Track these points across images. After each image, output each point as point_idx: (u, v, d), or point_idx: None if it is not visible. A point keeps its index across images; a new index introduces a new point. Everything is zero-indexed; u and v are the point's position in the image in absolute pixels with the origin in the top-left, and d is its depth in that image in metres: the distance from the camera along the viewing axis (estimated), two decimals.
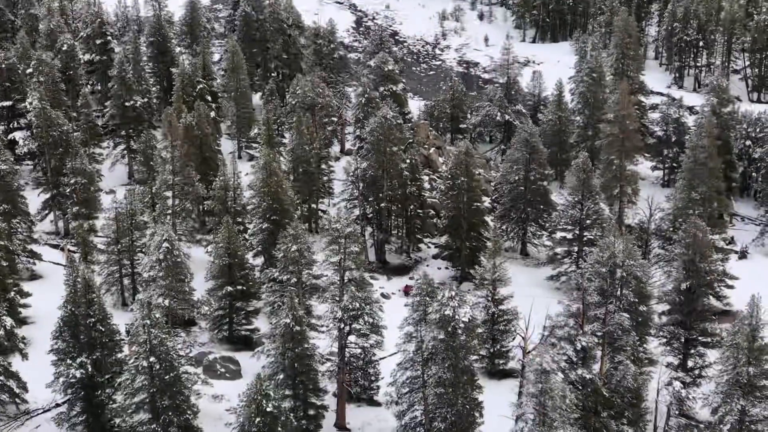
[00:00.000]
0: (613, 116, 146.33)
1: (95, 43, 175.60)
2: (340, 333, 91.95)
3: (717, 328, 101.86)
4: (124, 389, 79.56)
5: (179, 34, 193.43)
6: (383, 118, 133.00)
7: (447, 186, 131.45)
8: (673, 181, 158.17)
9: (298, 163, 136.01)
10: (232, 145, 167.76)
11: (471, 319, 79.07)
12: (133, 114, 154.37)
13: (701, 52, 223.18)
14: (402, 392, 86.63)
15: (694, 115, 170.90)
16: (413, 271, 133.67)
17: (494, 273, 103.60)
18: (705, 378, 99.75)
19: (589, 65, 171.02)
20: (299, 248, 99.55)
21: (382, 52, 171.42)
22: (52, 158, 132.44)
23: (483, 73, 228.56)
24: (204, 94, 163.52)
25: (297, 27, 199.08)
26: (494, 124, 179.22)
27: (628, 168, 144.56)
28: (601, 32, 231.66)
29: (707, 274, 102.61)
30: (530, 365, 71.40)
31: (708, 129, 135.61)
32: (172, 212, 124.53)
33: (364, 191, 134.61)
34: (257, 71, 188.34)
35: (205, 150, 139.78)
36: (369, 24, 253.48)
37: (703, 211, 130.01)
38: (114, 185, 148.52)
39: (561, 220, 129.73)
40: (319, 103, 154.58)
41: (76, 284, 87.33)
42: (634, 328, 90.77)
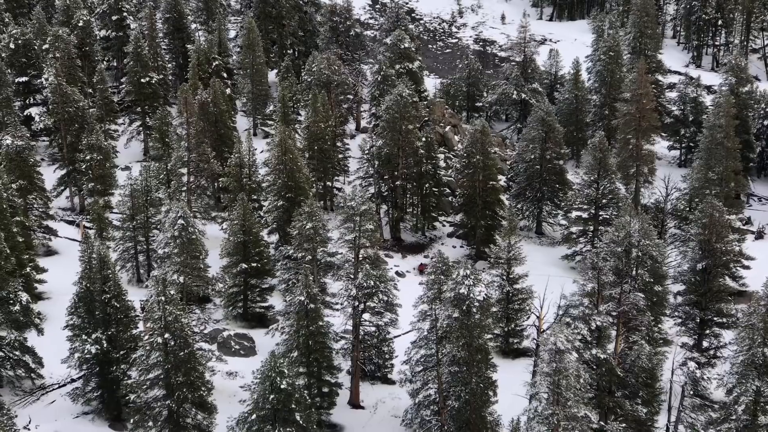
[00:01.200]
0: (630, 95, 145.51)
1: (111, 19, 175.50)
2: (354, 311, 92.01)
3: (732, 309, 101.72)
4: (139, 365, 79.77)
5: (195, 11, 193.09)
6: (399, 95, 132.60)
7: (462, 164, 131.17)
8: (690, 160, 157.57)
9: (313, 140, 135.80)
10: (247, 122, 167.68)
11: (486, 298, 78.93)
12: (149, 90, 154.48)
13: (720, 30, 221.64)
14: (416, 370, 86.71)
15: (711, 95, 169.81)
16: (428, 250, 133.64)
17: (509, 252, 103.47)
18: (720, 358, 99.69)
19: (607, 44, 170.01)
20: (314, 226, 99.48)
21: (399, 30, 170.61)
22: (67, 134, 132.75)
23: (499, 51, 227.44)
24: (219, 70, 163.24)
25: (313, 4, 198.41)
26: (510, 102, 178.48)
27: (644, 147, 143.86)
28: (619, 10, 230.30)
29: (723, 255, 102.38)
30: (545, 344, 71.26)
31: (726, 108, 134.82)
32: (187, 189, 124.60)
33: (380, 169, 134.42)
34: (273, 48, 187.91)
35: (221, 127, 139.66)
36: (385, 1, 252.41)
37: (720, 191, 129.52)
38: (129, 162, 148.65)
39: (576, 200, 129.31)
40: (335, 81, 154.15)
41: (92, 260, 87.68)
42: (649, 307, 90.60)
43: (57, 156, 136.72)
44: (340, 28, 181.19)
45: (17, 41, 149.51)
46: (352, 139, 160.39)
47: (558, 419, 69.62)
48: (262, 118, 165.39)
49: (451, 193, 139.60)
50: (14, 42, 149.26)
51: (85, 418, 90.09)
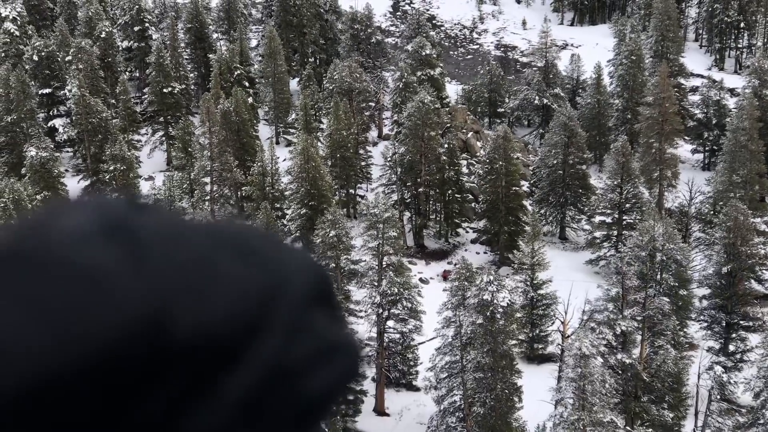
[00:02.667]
0: (652, 99, 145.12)
1: (133, 30, 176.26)
2: (378, 318, 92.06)
3: (759, 312, 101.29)
4: None
5: (216, 21, 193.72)
6: (421, 102, 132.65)
7: (485, 170, 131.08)
8: (714, 164, 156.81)
9: (335, 148, 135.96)
10: (269, 130, 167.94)
11: (510, 304, 78.96)
12: (171, 100, 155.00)
13: (742, 33, 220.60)
14: (441, 377, 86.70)
15: (734, 98, 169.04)
16: (451, 256, 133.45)
17: (533, 257, 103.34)
18: (747, 362, 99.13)
19: (628, 48, 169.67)
20: (337, 233, 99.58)
21: (420, 37, 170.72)
22: (91, 145, 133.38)
23: (521, 56, 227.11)
24: (241, 80, 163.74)
25: (334, 12, 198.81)
26: (532, 107, 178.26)
27: (667, 151, 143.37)
28: (640, 14, 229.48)
29: (748, 258, 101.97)
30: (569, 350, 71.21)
31: (749, 111, 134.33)
32: (210, 198, 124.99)
33: (402, 176, 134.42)
34: (294, 57, 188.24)
35: (243, 136, 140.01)
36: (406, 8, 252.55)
37: (744, 194, 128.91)
38: (152, 172, 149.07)
39: (600, 204, 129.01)
40: (357, 88, 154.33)
41: None
42: (674, 312, 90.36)
43: (81, 167, 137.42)
44: (361, 36, 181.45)
45: (40, 53, 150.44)
46: (375, 146, 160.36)
47: (584, 424, 69.48)
48: (284, 126, 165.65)
49: (474, 200, 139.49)
50: (37, 54, 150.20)
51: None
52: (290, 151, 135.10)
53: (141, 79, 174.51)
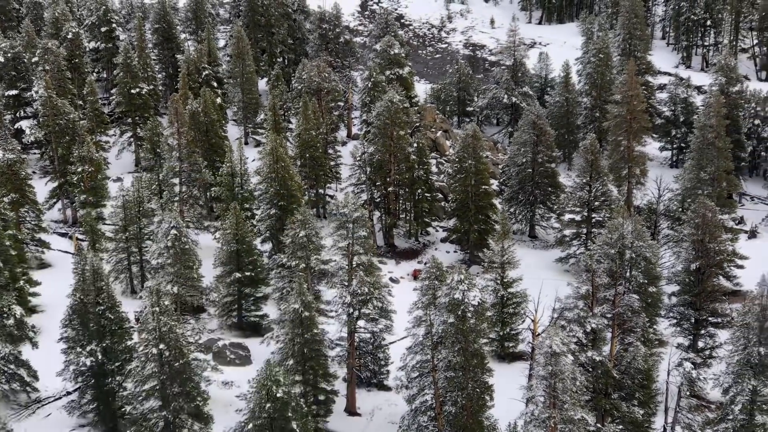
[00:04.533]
0: (620, 97, 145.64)
1: (100, 30, 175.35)
2: (349, 318, 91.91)
3: (727, 309, 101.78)
4: (134, 377, 79.54)
5: (184, 21, 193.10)
6: (390, 102, 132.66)
7: (454, 169, 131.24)
8: (682, 161, 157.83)
9: (304, 148, 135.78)
10: (238, 131, 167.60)
11: (480, 303, 78.87)
12: (139, 101, 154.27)
13: (709, 31, 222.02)
14: (412, 376, 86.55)
15: (702, 95, 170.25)
16: (422, 255, 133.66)
17: (503, 256, 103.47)
18: (716, 358, 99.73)
19: (596, 46, 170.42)
20: (307, 233, 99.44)
21: (388, 36, 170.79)
22: (58, 147, 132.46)
23: (489, 55, 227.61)
24: (210, 80, 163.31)
25: (302, 12, 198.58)
26: (501, 106, 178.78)
27: (636, 149, 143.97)
28: (608, 12, 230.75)
29: (717, 254, 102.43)
30: (540, 348, 71.21)
31: (716, 108, 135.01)
32: (179, 199, 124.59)
33: (372, 175, 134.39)
34: (263, 57, 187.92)
35: (212, 136, 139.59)
36: (374, 7, 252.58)
37: (712, 191, 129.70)
38: (121, 173, 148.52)
39: (569, 202, 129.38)
40: (325, 88, 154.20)
41: (85, 272, 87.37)
42: (643, 309, 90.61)
43: (48, 168, 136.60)
44: (330, 36, 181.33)
45: (6, 54, 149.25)
46: (344, 146, 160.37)
47: (555, 422, 69.56)
48: (253, 126, 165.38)
49: (444, 198, 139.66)
50: (3, 55, 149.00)
51: (81, 430, 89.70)
52: (259, 152, 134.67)
53: (108, 80, 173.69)
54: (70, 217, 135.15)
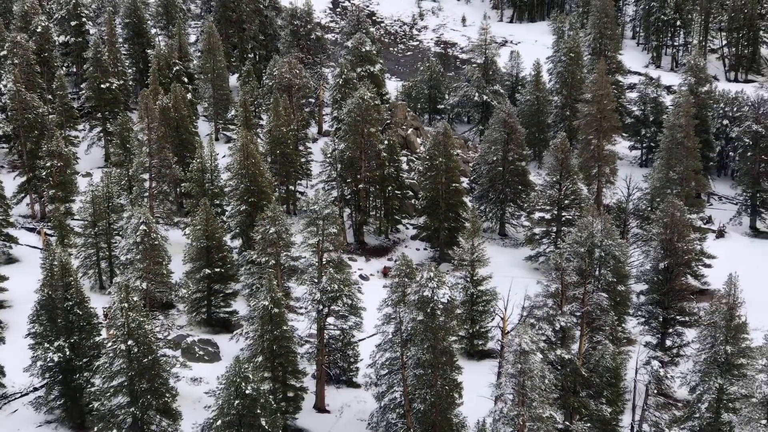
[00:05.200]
0: (590, 96, 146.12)
1: (70, 24, 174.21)
2: (318, 315, 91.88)
3: (695, 307, 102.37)
4: (102, 373, 79.28)
5: (155, 16, 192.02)
6: (361, 99, 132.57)
7: (425, 167, 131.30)
8: (651, 160, 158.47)
9: (275, 144, 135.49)
10: (209, 126, 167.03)
11: (450, 300, 79.00)
12: (109, 96, 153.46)
13: (678, 31, 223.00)
14: (381, 374, 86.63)
15: (671, 95, 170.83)
16: (392, 253, 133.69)
17: (473, 254, 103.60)
18: (683, 357, 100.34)
19: (567, 45, 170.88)
20: (277, 230, 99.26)
21: (359, 33, 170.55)
22: (27, 141, 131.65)
23: (461, 53, 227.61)
24: (180, 75, 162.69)
25: (274, 8, 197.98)
26: (472, 104, 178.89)
27: (606, 148, 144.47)
28: (579, 12, 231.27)
29: (685, 254, 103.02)
30: (509, 346, 71.41)
31: (685, 108, 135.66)
32: (149, 195, 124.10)
33: (342, 172, 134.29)
34: (234, 52, 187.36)
35: (182, 132, 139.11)
36: (346, 4, 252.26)
37: (681, 191, 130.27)
38: (90, 168, 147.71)
39: (539, 201, 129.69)
40: (297, 85, 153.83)
41: (53, 268, 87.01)
42: (612, 307, 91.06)
43: (17, 163, 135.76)
44: (301, 32, 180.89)
45: None
46: (315, 142, 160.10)
47: (523, 420, 69.81)
48: (223, 122, 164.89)
49: (414, 196, 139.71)
50: None
51: (48, 426, 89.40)
52: (230, 148, 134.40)
53: (78, 75, 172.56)
54: (38, 212, 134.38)
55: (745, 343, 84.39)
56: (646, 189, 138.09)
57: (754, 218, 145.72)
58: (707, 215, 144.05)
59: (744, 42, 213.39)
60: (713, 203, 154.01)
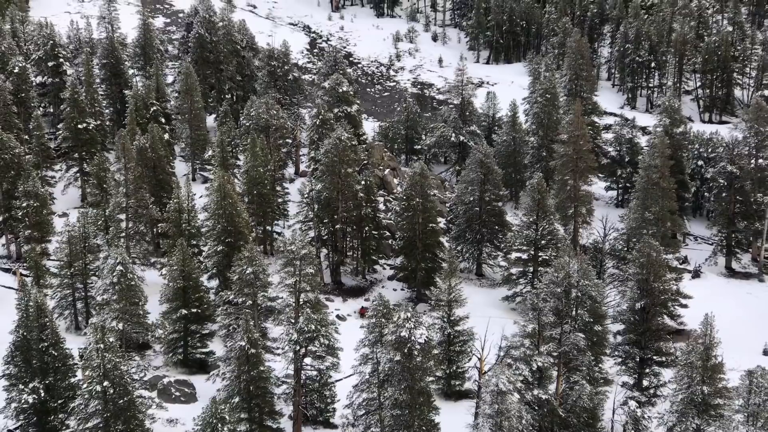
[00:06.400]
0: (566, 137, 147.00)
1: (47, 65, 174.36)
2: (295, 355, 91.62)
3: (671, 347, 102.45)
4: (78, 414, 78.66)
5: (132, 56, 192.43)
6: (338, 139, 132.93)
7: (402, 207, 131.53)
8: (627, 201, 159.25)
9: (252, 185, 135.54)
10: (186, 167, 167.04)
11: (427, 341, 79.00)
12: (86, 136, 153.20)
13: (653, 73, 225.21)
14: (358, 414, 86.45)
15: (646, 136, 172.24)
16: (369, 293, 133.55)
17: (450, 294, 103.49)
18: (660, 397, 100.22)
19: (543, 86, 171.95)
20: (254, 270, 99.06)
21: (337, 74, 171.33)
22: (3, 181, 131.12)
23: (437, 94, 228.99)
24: (157, 116, 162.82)
25: (251, 49, 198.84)
26: (449, 145, 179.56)
27: (582, 188, 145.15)
28: (555, 53, 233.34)
29: (661, 294, 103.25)
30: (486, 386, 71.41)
31: (660, 149, 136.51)
32: (125, 235, 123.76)
33: (319, 213, 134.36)
34: (211, 93, 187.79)
35: (159, 172, 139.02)
36: (323, 45, 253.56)
37: (657, 231, 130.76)
38: (67, 208, 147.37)
39: (516, 241, 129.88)
40: (274, 125, 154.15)
41: (29, 308, 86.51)
42: (589, 347, 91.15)
43: None
44: (278, 73, 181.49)
45: None
46: (292, 183, 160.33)
47: None
48: (200, 163, 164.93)
49: (391, 236, 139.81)
50: None
51: None
52: (207, 188, 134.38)
53: (55, 115, 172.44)
54: (14, 252, 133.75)
55: (722, 384, 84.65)
56: (622, 229, 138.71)
57: (730, 258, 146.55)
58: (683, 255, 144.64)
59: (718, 84, 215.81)
60: (689, 243, 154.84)
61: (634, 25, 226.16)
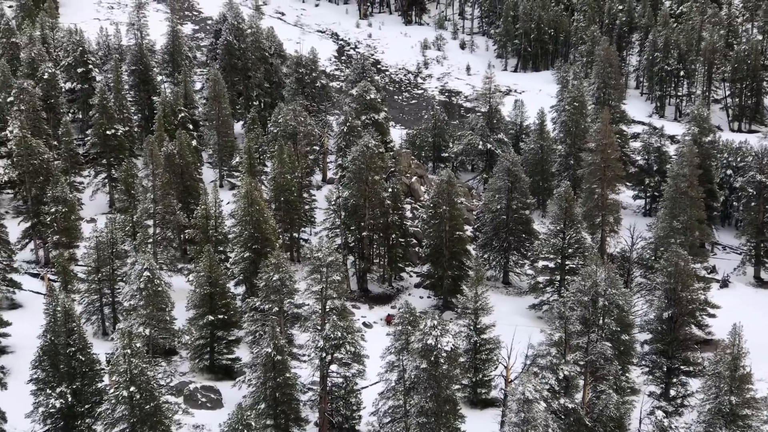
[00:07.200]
0: (594, 145, 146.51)
1: (77, 71, 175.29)
2: (321, 362, 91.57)
3: (699, 357, 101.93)
4: (104, 419, 78.97)
5: (161, 63, 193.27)
6: (365, 146, 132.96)
7: (429, 215, 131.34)
8: (655, 210, 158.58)
9: (279, 191, 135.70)
10: (213, 173, 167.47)
11: (453, 348, 78.86)
12: (114, 142, 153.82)
13: (682, 81, 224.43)
14: (384, 422, 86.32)
15: (675, 144, 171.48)
16: (395, 300, 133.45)
17: (476, 302, 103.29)
18: (687, 407, 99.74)
19: (571, 94, 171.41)
20: (281, 277, 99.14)
21: (364, 81, 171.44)
22: (32, 187, 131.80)
23: (465, 101, 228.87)
24: (185, 122, 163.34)
25: (279, 56, 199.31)
26: (476, 152, 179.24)
27: (609, 197, 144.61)
28: (583, 62, 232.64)
29: (689, 303, 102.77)
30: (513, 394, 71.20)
31: (689, 158, 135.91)
32: (153, 241, 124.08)
33: (346, 220, 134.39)
34: (239, 100, 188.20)
35: (187, 178, 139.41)
36: (351, 53, 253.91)
37: (685, 240, 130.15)
38: (95, 214, 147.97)
39: (543, 249, 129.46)
40: (301, 132, 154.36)
41: (56, 313, 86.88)
42: (616, 357, 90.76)
43: (21, 208, 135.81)
44: (306, 80, 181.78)
45: None
46: (319, 190, 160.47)
47: None
48: (228, 169, 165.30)
49: (418, 244, 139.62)
50: None
51: None
52: (234, 194, 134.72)
53: (84, 121, 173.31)
54: (42, 258, 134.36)
55: (750, 394, 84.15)
56: (650, 238, 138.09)
57: (759, 268, 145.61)
58: (711, 265, 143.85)
59: (747, 92, 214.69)
60: (717, 253, 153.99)
61: (663, 34, 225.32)
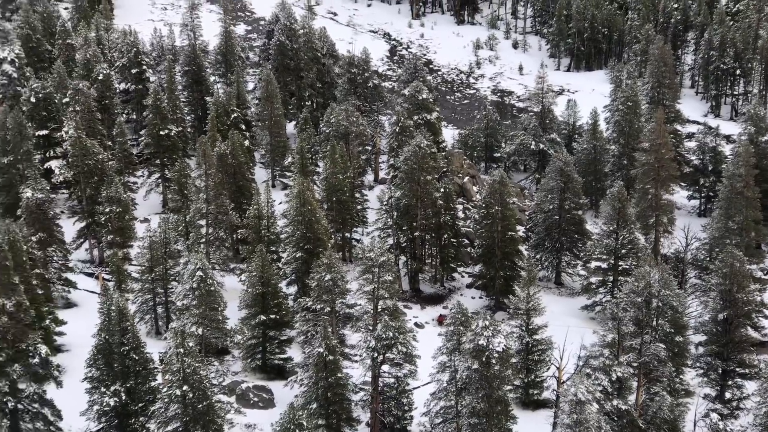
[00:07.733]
0: (648, 145, 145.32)
1: (131, 72, 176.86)
2: (373, 362, 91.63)
3: (755, 359, 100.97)
4: (158, 418, 79.53)
5: (214, 63, 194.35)
6: (417, 146, 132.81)
7: (481, 215, 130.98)
8: (710, 210, 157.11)
9: (331, 191, 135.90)
10: (266, 173, 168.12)
11: (505, 349, 78.57)
12: (168, 143, 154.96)
13: (738, 80, 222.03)
14: (435, 422, 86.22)
15: (730, 144, 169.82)
16: (447, 301, 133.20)
17: (528, 302, 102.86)
18: (743, 410, 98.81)
19: (625, 94, 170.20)
20: (333, 277, 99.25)
21: (416, 81, 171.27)
22: (87, 187, 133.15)
23: (517, 101, 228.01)
24: (238, 122, 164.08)
25: (331, 56, 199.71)
26: (529, 152, 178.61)
27: (663, 197, 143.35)
28: (637, 61, 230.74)
29: (745, 305, 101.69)
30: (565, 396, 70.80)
31: (745, 158, 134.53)
32: (205, 241, 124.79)
33: (398, 220, 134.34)
34: (291, 100, 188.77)
35: (239, 178, 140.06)
36: (403, 52, 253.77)
37: (740, 241, 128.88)
38: (148, 214, 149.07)
39: (596, 250, 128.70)
40: (353, 132, 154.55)
41: (111, 312, 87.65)
42: (670, 358, 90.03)
43: (76, 208, 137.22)
44: (358, 80, 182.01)
45: (38, 95, 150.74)
46: (371, 190, 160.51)
47: None
48: (280, 169, 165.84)
49: (470, 244, 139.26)
50: (35, 96, 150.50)
51: None
52: (286, 194, 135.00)
53: (138, 121, 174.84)
54: (96, 257, 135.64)
55: None
56: (705, 239, 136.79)
57: None
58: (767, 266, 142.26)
59: None
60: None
61: (719, 32, 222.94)
